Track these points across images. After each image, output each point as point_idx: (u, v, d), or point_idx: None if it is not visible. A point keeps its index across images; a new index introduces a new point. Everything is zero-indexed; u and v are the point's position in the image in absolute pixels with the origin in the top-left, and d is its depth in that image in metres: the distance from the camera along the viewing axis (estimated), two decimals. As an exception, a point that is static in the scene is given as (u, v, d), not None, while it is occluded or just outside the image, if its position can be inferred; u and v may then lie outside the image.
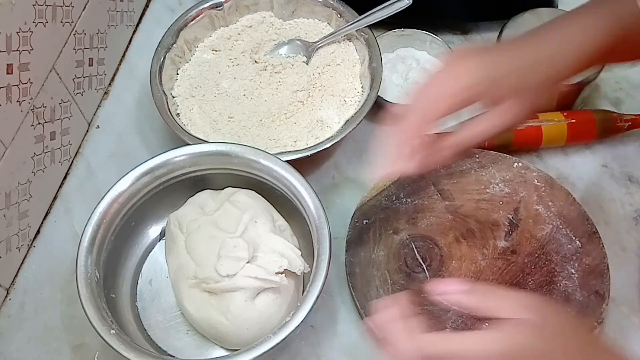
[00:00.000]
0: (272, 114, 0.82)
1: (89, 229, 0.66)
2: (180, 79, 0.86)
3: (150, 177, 0.70)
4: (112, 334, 0.61)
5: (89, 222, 0.67)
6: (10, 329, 0.72)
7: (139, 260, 0.74)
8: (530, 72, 0.58)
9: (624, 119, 0.83)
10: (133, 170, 0.70)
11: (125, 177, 0.69)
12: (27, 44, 0.68)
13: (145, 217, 0.74)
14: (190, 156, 0.72)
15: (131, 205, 0.70)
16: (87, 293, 0.63)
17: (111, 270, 0.69)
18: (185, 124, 0.81)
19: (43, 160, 0.76)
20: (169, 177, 0.72)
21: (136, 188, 0.70)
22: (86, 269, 0.64)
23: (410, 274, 0.73)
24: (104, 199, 0.68)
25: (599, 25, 0.58)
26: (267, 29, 0.90)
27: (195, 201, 0.72)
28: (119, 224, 0.69)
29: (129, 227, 0.71)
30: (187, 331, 0.70)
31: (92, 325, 0.61)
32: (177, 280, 0.68)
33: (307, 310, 0.61)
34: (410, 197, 0.78)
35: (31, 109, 0.72)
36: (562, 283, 0.71)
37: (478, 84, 0.58)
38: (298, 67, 0.86)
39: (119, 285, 0.71)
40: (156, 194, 0.72)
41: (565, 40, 0.59)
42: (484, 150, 0.81)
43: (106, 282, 0.67)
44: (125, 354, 0.60)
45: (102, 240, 0.67)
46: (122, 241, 0.71)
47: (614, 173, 0.82)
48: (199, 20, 0.87)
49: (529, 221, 0.76)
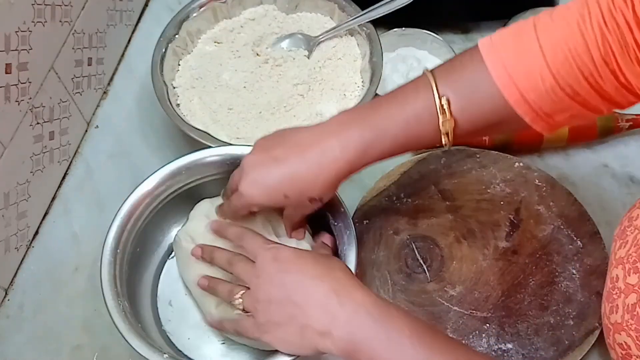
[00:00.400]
0: (272, 107, 0.82)
1: (105, 264, 0.65)
2: (181, 70, 0.86)
3: (150, 198, 0.69)
4: (165, 357, 0.60)
5: (104, 255, 0.65)
6: (10, 329, 0.72)
7: (152, 283, 0.73)
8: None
9: (625, 119, 0.82)
10: (133, 193, 0.69)
11: (129, 198, 0.68)
12: (25, 44, 0.68)
13: (148, 241, 0.72)
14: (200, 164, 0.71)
15: (135, 232, 0.69)
16: (126, 326, 0.61)
17: (132, 300, 0.67)
18: (185, 115, 0.81)
19: (42, 160, 0.76)
20: (169, 192, 0.71)
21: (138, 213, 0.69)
22: (116, 302, 0.63)
23: (411, 274, 0.72)
24: (110, 233, 0.67)
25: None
26: (270, 22, 0.91)
27: (199, 213, 0.70)
28: (129, 252, 0.68)
29: (136, 254, 0.69)
30: (221, 342, 0.69)
31: (143, 357, 0.60)
32: (203, 297, 0.67)
33: None
34: (410, 198, 0.77)
35: (30, 108, 0.71)
36: (564, 283, 0.71)
37: None
38: (299, 60, 0.86)
39: (141, 313, 0.69)
40: (153, 216, 0.71)
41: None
42: (485, 150, 0.81)
43: (133, 312, 0.65)
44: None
45: (120, 271, 0.65)
46: (134, 268, 0.69)
47: (615, 173, 0.82)
48: (202, 12, 0.87)
49: (530, 221, 0.75)
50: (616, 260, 0.60)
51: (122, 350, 0.69)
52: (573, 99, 0.53)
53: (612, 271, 0.61)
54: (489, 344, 0.68)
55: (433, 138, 0.58)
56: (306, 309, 0.55)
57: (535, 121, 0.56)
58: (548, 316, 0.69)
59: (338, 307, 0.54)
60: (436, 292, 0.71)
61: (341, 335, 0.54)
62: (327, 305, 0.55)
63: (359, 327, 0.53)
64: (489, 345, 0.67)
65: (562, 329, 0.68)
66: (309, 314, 0.55)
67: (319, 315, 0.55)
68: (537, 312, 0.69)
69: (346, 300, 0.54)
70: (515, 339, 0.68)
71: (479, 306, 0.70)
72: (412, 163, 0.80)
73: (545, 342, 0.68)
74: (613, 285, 0.60)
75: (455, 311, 0.70)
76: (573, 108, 0.54)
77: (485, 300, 0.70)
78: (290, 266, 0.58)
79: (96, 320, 0.72)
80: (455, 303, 0.70)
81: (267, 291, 0.58)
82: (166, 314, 0.71)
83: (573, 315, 0.69)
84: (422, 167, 0.79)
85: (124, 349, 0.69)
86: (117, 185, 0.81)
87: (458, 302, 0.70)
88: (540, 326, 0.69)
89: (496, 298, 0.70)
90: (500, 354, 0.67)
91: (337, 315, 0.54)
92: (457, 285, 0.71)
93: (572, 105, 0.54)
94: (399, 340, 0.52)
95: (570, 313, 0.69)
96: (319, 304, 0.55)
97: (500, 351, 0.67)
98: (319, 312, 0.55)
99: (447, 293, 0.71)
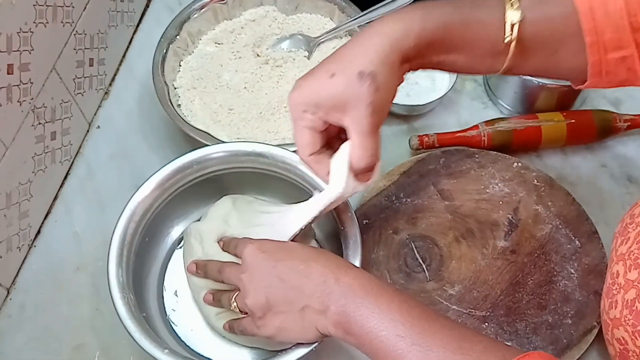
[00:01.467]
0: (272, 107, 0.82)
1: (113, 252, 0.65)
2: (182, 71, 0.86)
3: (160, 190, 0.69)
4: (165, 353, 0.60)
5: (112, 246, 0.65)
6: (11, 329, 0.72)
7: (159, 272, 0.73)
8: None
9: (623, 119, 0.83)
10: (147, 183, 0.69)
11: (142, 187, 0.68)
12: (27, 44, 0.68)
13: (157, 231, 0.73)
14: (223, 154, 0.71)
15: (146, 221, 0.69)
16: (129, 317, 0.61)
17: (138, 289, 0.67)
18: (185, 115, 0.81)
19: (43, 160, 0.76)
20: (182, 183, 0.71)
21: (151, 199, 0.69)
22: (122, 293, 0.63)
23: (410, 273, 0.73)
24: (120, 221, 0.67)
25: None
26: (270, 23, 0.91)
27: (217, 213, 0.69)
28: (137, 241, 0.68)
29: (144, 244, 0.69)
30: (223, 336, 0.69)
31: (143, 348, 0.60)
32: (204, 303, 0.67)
33: None
34: (410, 197, 0.78)
35: (32, 109, 0.72)
36: (562, 283, 0.71)
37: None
38: (299, 61, 0.87)
39: (147, 302, 0.69)
40: (167, 202, 0.71)
41: None
42: (483, 150, 0.81)
43: (138, 302, 0.65)
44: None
45: (127, 260, 0.65)
46: (141, 257, 0.69)
47: (614, 173, 0.83)
48: (202, 13, 0.88)
49: (529, 221, 0.76)
50: (617, 257, 0.61)
51: (124, 350, 0.69)
52: (634, 33, 0.54)
53: (613, 267, 0.61)
54: (487, 343, 0.68)
55: (495, 36, 0.56)
56: (304, 289, 0.56)
57: (592, 49, 0.55)
58: (546, 315, 0.69)
59: (334, 283, 0.55)
60: (435, 291, 0.71)
61: (335, 309, 0.54)
62: (325, 283, 0.55)
63: (352, 298, 0.54)
64: (488, 344, 0.68)
65: (561, 328, 0.69)
66: (308, 294, 0.55)
67: (318, 294, 0.55)
68: (536, 311, 0.70)
69: (342, 276, 0.55)
70: (514, 337, 0.68)
71: (477, 305, 0.70)
72: (411, 163, 0.80)
73: (544, 341, 0.68)
74: (613, 281, 0.60)
75: (454, 310, 0.70)
76: (628, 49, 0.54)
77: (484, 300, 0.71)
78: (279, 255, 0.59)
79: (98, 319, 0.72)
80: (454, 302, 0.71)
81: (259, 282, 0.58)
82: (171, 303, 0.71)
83: (571, 314, 0.69)
84: (421, 167, 0.80)
85: (126, 348, 0.69)
86: (118, 185, 0.82)
87: (457, 301, 0.71)
88: (538, 325, 0.69)
89: (495, 297, 0.71)
90: (499, 352, 0.67)
91: (334, 291, 0.55)
92: (456, 285, 0.72)
93: (629, 45, 0.54)
94: (388, 308, 0.53)
95: (569, 312, 0.70)
96: (316, 283, 0.55)
97: (499, 350, 0.67)
98: (318, 290, 0.55)
99: (446, 292, 0.71)
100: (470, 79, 0.91)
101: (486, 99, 0.90)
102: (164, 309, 0.71)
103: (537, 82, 0.82)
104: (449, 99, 0.88)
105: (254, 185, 0.74)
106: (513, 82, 0.84)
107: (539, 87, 0.82)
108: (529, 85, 0.83)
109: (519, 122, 0.82)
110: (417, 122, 0.88)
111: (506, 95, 0.87)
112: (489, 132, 0.82)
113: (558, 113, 0.83)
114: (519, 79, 0.83)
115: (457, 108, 0.89)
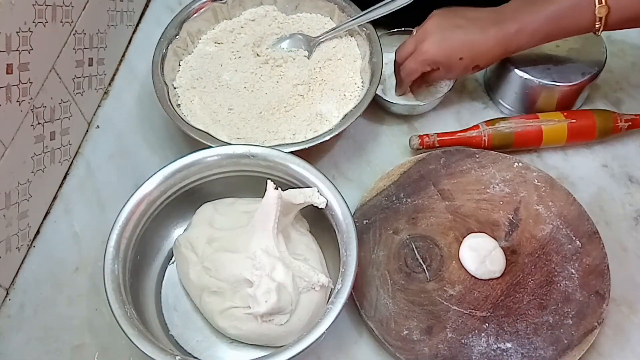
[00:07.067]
0: (272, 107, 0.82)
1: (108, 272, 0.64)
2: (182, 71, 0.86)
3: (146, 204, 0.69)
4: (178, 359, 0.60)
5: (106, 264, 0.65)
6: (10, 329, 0.72)
7: (155, 289, 0.72)
8: None
9: (624, 119, 0.83)
10: (133, 197, 0.69)
11: (126, 205, 0.68)
12: (26, 44, 0.68)
13: (147, 248, 0.72)
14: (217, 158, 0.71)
15: (135, 238, 0.68)
16: (136, 333, 0.61)
17: (137, 307, 0.66)
18: (185, 115, 0.81)
19: (43, 160, 0.76)
20: (169, 194, 0.71)
21: (135, 220, 0.68)
22: (123, 311, 0.62)
23: (410, 274, 0.73)
24: (111, 235, 0.66)
25: None
26: (270, 23, 0.91)
27: (201, 220, 0.71)
28: (130, 260, 0.67)
29: (137, 262, 0.69)
30: (230, 341, 0.69)
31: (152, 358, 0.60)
32: (205, 305, 0.68)
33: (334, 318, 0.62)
34: (410, 197, 0.78)
35: (31, 109, 0.72)
36: (563, 283, 0.71)
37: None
38: (299, 61, 0.86)
39: (148, 320, 0.68)
40: (151, 222, 0.70)
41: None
42: (484, 150, 0.81)
43: (140, 319, 0.65)
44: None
45: (123, 279, 0.65)
46: (136, 276, 0.69)
47: (614, 173, 0.82)
48: (202, 13, 0.88)
49: (529, 221, 0.76)
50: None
51: (123, 350, 0.69)
52: None
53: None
54: (488, 343, 0.68)
55: (588, 24, 0.71)
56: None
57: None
58: (547, 315, 0.69)
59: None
60: (435, 291, 0.71)
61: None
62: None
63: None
64: (488, 344, 0.68)
65: (561, 328, 0.69)
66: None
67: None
68: (536, 311, 0.70)
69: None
70: (515, 338, 0.68)
71: (478, 305, 0.70)
72: (411, 163, 0.80)
73: (545, 341, 0.68)
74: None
75: (454, 310, 0.70)
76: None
77: (485, 300, 0.71)
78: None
79: (97, 319, 0.72)
80: (454, 302, 0.70)
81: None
82: (172, 319, 0.71)
83: (572, 315, 0.69)
84: (421, 167, 0.80)
85: (125, 349, 0.69)
86: (117, 185, 0.82)
87: (457, 302, 0.70)
88: (539, 325, 0.69)
89: (495, 297, 0.71)
90: (500, 353, 0.67)
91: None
92: (457, 285, 0.72)
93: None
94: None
95: (569, 312, 0.69)
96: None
97: (500, 350, 0.67)
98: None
99: (447, 292, 0.71)
100: (470, 79, 0.91)
101: (487, 99, 0.90)
102: (166, 325, 0.70)
103: (538, 82, 0.81)
104: (450, 99, 0.88)
105: (248, 189, 0.74)
106: (513, 82, 0.84)
107: (540, 87, 0.82)
108: (529, 85, 0.83)
109: (520, 122, 0.82)
110: (417, 122, 0.87)
111: (507, 95, 0.86)
112: (490, 132, 0.82)
113: (559, 113, 0.83)
114: (520, 79, 0.83)
115: (458, 108, 0.89)
